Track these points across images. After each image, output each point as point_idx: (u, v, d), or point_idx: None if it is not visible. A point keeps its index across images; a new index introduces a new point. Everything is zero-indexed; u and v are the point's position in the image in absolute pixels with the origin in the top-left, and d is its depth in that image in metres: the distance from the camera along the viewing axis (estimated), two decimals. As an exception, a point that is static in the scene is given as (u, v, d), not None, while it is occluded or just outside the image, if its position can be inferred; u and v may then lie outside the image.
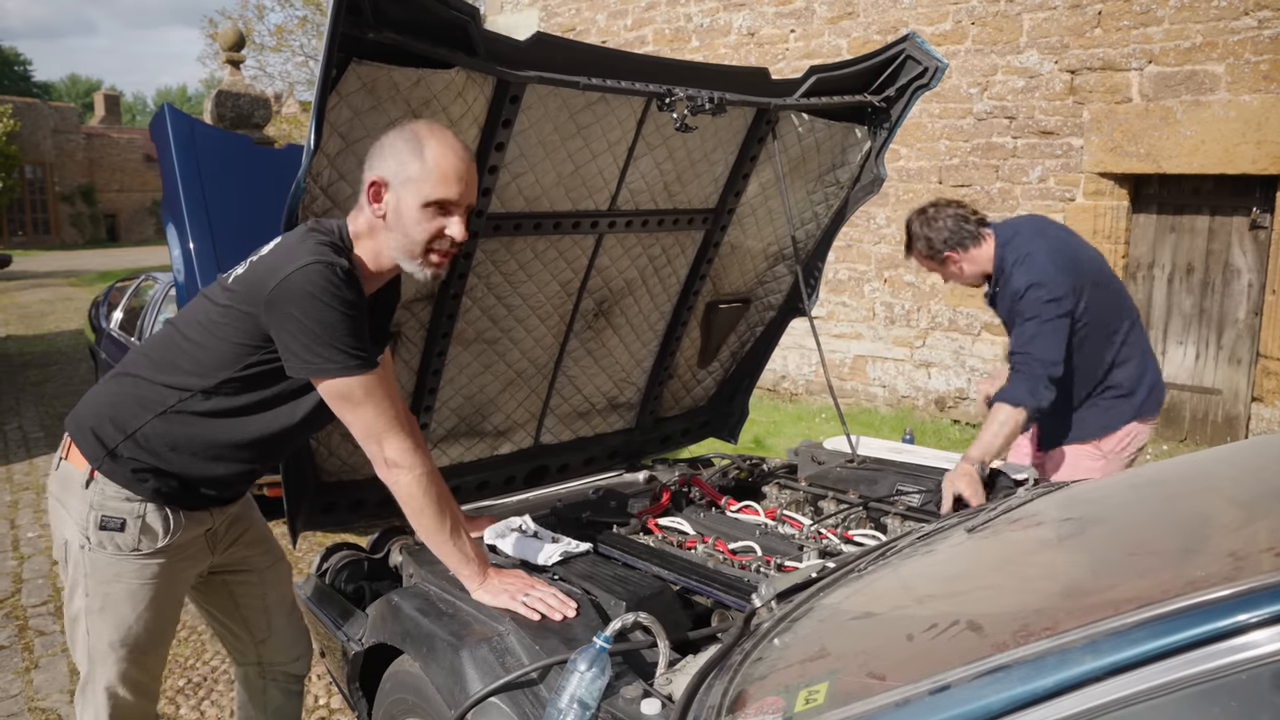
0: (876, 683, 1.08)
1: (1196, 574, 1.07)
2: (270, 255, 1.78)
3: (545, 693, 1.57)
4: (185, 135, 4.17)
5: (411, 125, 1.79)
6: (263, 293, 1.70)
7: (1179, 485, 1.73)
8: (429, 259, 1.81)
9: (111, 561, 1.85)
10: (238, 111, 10.37)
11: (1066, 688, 0.92)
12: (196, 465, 1.86)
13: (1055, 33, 6.51)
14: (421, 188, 1.75)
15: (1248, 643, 0.87)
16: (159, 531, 1.87)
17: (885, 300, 7.73)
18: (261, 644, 2.25)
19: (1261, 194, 5.99)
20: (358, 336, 1.71)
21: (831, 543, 2.33)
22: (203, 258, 4.08)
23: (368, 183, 1.79)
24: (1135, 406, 2.98)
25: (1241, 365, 6.24)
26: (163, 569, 1.89)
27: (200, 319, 1.83)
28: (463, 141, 1.82)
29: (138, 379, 1.86)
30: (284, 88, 21.47)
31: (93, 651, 1.90)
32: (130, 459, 1.83)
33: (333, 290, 1.67)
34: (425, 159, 1.74)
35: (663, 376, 3.48)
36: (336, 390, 1.72)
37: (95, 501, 1.84)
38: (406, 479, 1.77)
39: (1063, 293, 2.76)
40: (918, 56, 2.89)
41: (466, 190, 1.79)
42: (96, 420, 1.87)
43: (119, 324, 6.76)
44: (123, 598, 1.87)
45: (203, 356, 1.80)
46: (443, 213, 1.78)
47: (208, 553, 2.03)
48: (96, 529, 1.83)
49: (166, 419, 1.82)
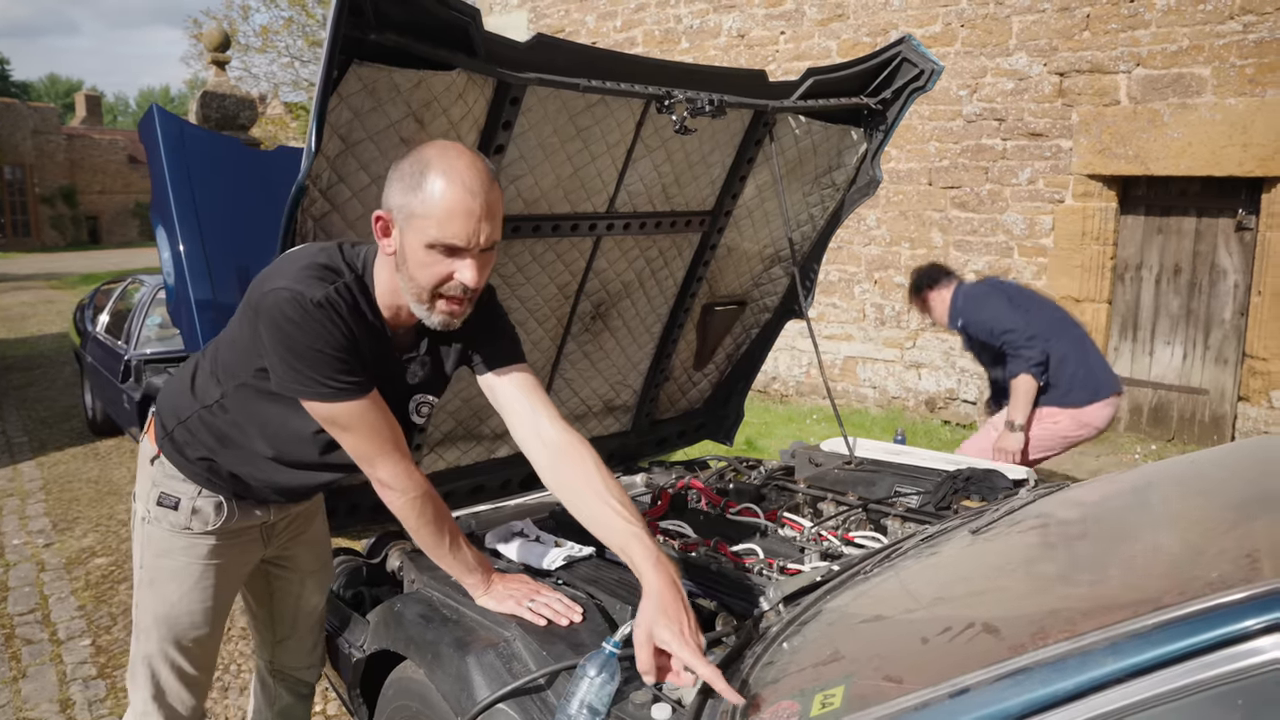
0: (893, 686, 1.08)
1: (1209, 576, 1.08)
2: (276, 262, 1.74)
3: (553, 699, 1.56)
4: (174, 136, 4.14)
5: (422, 150, 1.58)
6: (250, 301, 1.68)
7: (1177, 486, 1.74)
8: (437, 305, 1.62)
9: (164, 536, 1.90)
10: (223, 112, 10.31)
11: (1088, 690, 0.92)
12: (238, 464, 1.87)
13: (1044, 35, 6.55)
14: (425, 227, 1.54)
15: (1257, 648, 0.87)
16: (209, 515, 1.90)
17: (876, 301, 7.76)
18: (279, 644, 2.25)
19: (1247, 196, 6.05)
20: (335, 368, 1.61)
21: (833, 545, 2.33)
22: (192, 260, 4.04)
23: (374, 216, 1.63)
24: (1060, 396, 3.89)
25: (1228, 365, 6.29)
26: (211, 551, 1.92)
27: (234, 322, 1.82)
28: (483, 168, 1.58)
29: (197, 368, 1.90)
30: (269, 89, 21.36)
31: (139, 624, 1.96)
32: (185, 444, 1.88)
33: (298, 322, 1.57)
34: (427, 194, 1.53)
35: (659, 379, 3.48)
36: (320, 413, 1.68)
37: (157, 478, 1.90)
38: (400, 501, 1.75)
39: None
40: (913, 59, 2.90)
41: (478, 229, 1.54)
42: (165, 402, 1.95)
43: (105, 327, 6.71)
44: (169, 574, 1.91)
45: (230, 357, 1.80)
46: (451, 255, 1.56)
47: (261, 545, 2.05)
48: (155, 504, 1.90)
49: (210, 412, 1.84)
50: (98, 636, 3.84)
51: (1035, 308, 3.95)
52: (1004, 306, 3.87)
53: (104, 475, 6.21)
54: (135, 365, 5.72)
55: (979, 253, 7.07)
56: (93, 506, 5.54)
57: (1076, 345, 3.90)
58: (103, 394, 6.64)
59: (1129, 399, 6.72)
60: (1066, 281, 6.68)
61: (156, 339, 6.00)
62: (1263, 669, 0.87)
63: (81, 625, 3.96)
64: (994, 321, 3.84)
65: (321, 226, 2.12)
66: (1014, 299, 3.96)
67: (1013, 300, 3.94)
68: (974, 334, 3.98)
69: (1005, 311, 3.85)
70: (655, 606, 1.45)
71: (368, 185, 2.12)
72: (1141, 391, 6.66)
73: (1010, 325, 3.79)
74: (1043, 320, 3.87)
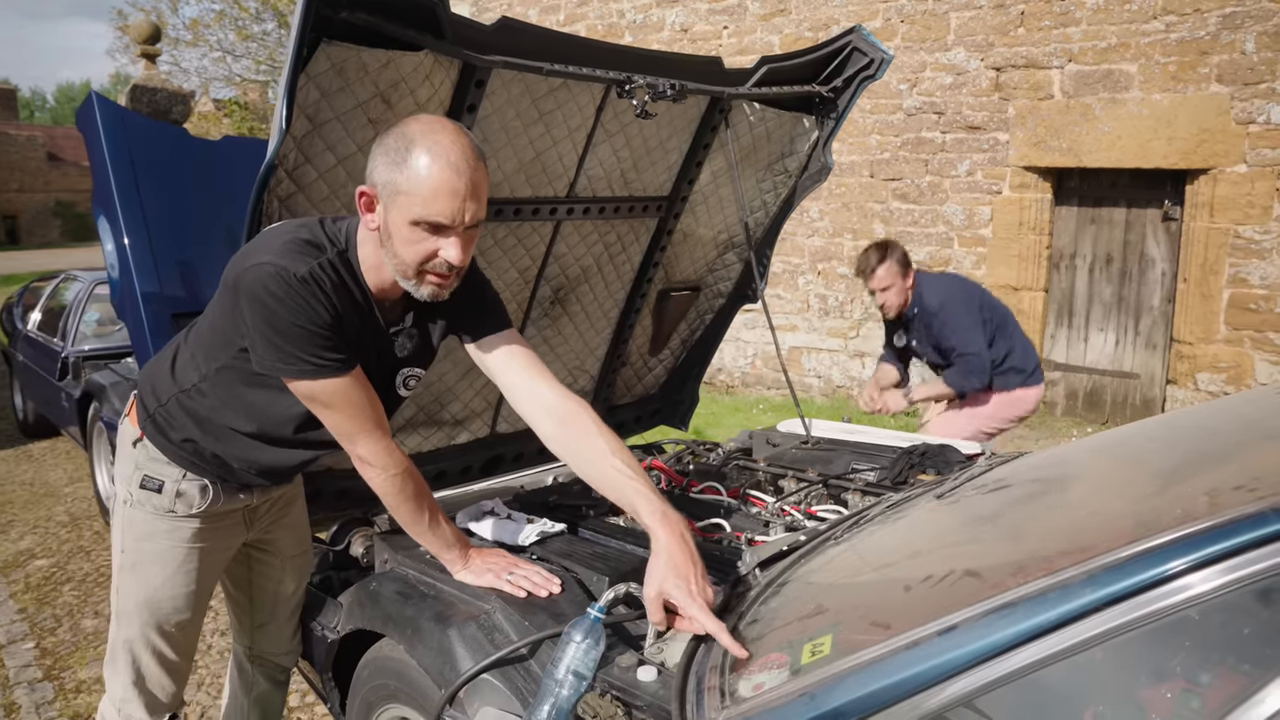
0: (882, 631, 1.13)
1: (1160, 519, 1.15)
2: (251, 242, 1.72)
3: (536, 668, 1.58)
4: (115, 125, 4.03)
5: (407, 125, 1.56)
6: (229, 278, 1.67)
7: (1124, 449, 1.83)
8: (425, 279, 1.62)
9: (147, 519, 1.89)
10: (154, 107, 9.99)
11: (1069, 619, 0.98)
12: (219, 445, 1.85)
13: (981, 31, 6.73)
14: (409, 204, 1.53)
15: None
16: (194, 499, 1.89)
17: (819, 292, 7.89)
18: (259, 628, 2.23)
19: (1172, 187, 6.31)
20: (317, 344, 1.60)
21: (796, 519, 2.39)
22: (138, 252, 3.95)
23: (358, 192, 1.61)
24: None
25: (1157, 350, 6.55)
26: (195, 534, 1.90)
27: (213, 304, 1.80)
28: (468, 144, 1.56)
29: (178, 351, 1.88)
30: (199, 84, 20.81)
31: (121, 610, 1.93)
32: (168, 425, 1.86)
33: (281, 297, 1.55)
34: (411, 171, 1.51)
35: (616, 364, 3.51)
36: (301, 390, 1.68)
37: (140, 461, 1.89)
38: (380, 478, 1.75)
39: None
40: (864, 49, 2.98)
41: (463, 208, 1.54)
42: (145, 384, 1.92)
43: (37, 325, 6.50)
44: (152, 558, 1.89)
45: (211, 338, 1.78)
46: (435, 232, 1.56)
47: (243, 529, 2.03)
48: (138, 487, 1.88)
49: (189, 395, 1.83)
50: (42, 639, 3.74)
51: (990, 310, 3.98)
52: (975, 325, 3.88)
53: (39, 477, 6.02)
54: (73, 362, 5.56)
55: (920, 243, 7.24)
56: (28, 509, 5.37)
57: (1018, 339, 4.04)
58: (36, 394, 6.43)
59: (1065, 384, 6.95)
60: (1004, 270, 6.88)
61: (95, 335, 5.84)
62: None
63: (24, 629, 3.84)
64: (959, 340, 3.88)
65: (287, 207, 2.10)
66: (980, 306, 3.96)
67: (974, 306, 3.93)
68: (935, 337, 3.98)
69: (974, 333, 3.87)
70: (665, 563, 1.50)
71: (334, 166, 2.11)
72: (1077, 377, 6.90)
73: (975, 349, 3.85)
74: (997, 320, 3.98)
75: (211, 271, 4.02)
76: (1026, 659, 0.98)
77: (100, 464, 5.12)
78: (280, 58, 18.16)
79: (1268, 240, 5.87)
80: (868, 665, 1.08)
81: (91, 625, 3.84)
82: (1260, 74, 5.76)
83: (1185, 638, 0.95)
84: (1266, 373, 5.93)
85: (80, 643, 3.70)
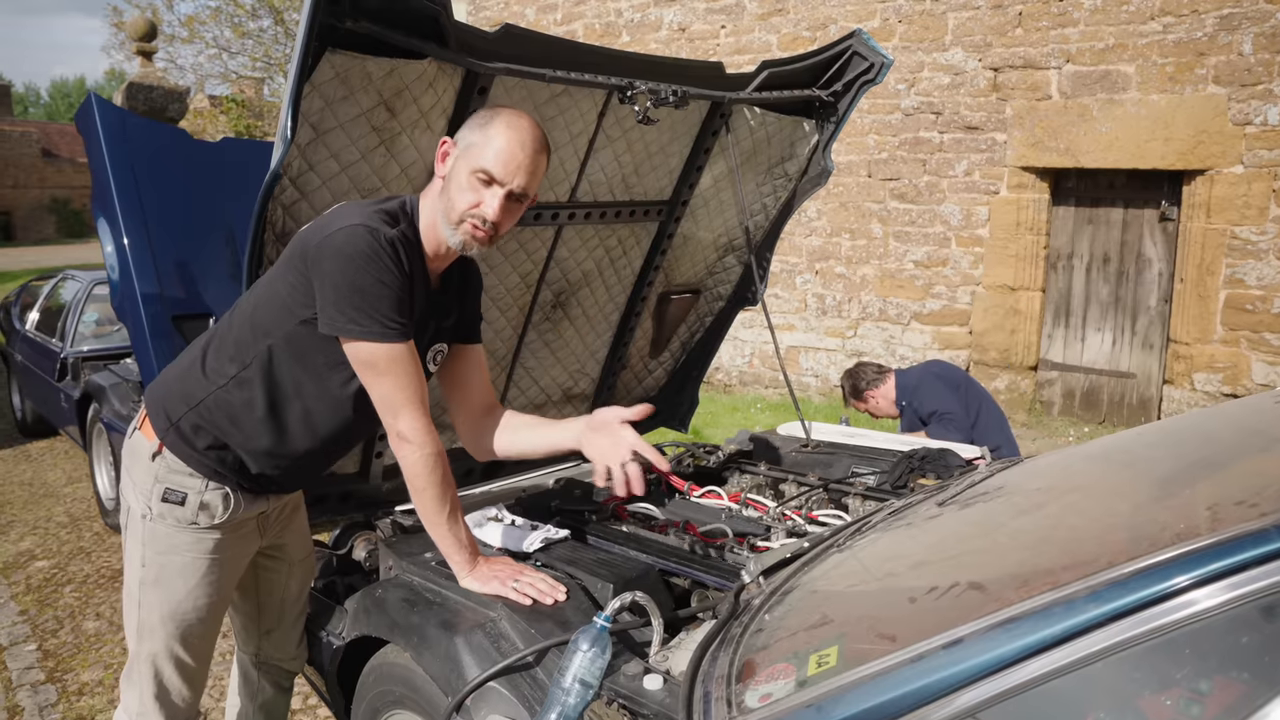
0: (888, 643, 1.14)
1: (1162, 534, 1.16)
2: (331, 211, 1.81)
3: (542, 676, 1.60)
4: (115, 126, 4.03)
5: (501, 107, 1.84)
6: (310, 245, 1.73)
7: (1124, 457, 1.84)
8: (461, 227, 1.79)
9: (170, 533, 1.89)
10: (150, 105, 9.95)
11: (1073, 634, 0.99)
12: (256, 440, 1.87)
13: (979, 32, 6.75)
14: (475, 155, 1.76)
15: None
16: (217, 508, 1.89)
17: (817, 292, 7.91)
18: (266, 635, 2.23)
19: (1169, 188, 6.33)
20: (392, 305, 1.71)
21: (797, 523, 2.40)
22: (138, 253, 3.96)
23: (440, 141, 1.83)
24: None
25: (1154, 350, 6.57)
26: (217, 545, 1.91)
27: (263, 282, 1.86)
28: (541, 136, 1.81)
29: (206, 350, 1.90)
30: (195, 81, 20.75)
31: (143, 624, 1.92)
32: (194, 432, 1.86)
33: (370, 254, 1.68)
34: (489, 131, 1.76)
35: (616, 367, 3.52)
36: (361, 354, 1.74)
37: (160, 474, 1.88)
38: (415, 455, 1.78)
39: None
40: (864, 53, 2.99)
41: (517, 170, 1.77)
42: (166, 392, 1.92)
43: (35, 325, 6.49)
44: (176, 571, 1.89)
45: (263, 318, 1.82)
46: (487, 185, 1.76)
47: (258, 536, 2.04)
48: (159, 500, 1.87)
49: (227, 390, 1.84)
50: (44, 641, 3.74)
51: (964, 384, 4.31)
52: (944, 390, 4.19)
53: (38, 477, 6.02)
54: (72, 363, 5.55)
55: (917, 243, 7.26)
56: (28, 509, 5.37)
57: (995, 416, 4.27)
58: (35, 394, 6.42)
59: (1062, 384, 6.98)
60: (1002, 270, 6.90)
61: (93, 336, 5.84)
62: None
63: (25, 630, 3.85)
64: (936, 404, 4.15)
65: (291, 214, 2.11)
66: (950, 382, 4.28)
67: (948, 383, 4.26)
68: (916, 411, 4.26)
69: (946, 395, 4.16)
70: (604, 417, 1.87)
71: (338, 174, 2.12)
72: (1074, 376, 6.92)
73: (950, 409, 4.11)
74: (973, 395, 4.24)
75: (211, 273, 4.02)
76: (1031, 673, 1.00)
77: (100, 465, 5.13)
78: (276, 54, 18.13)
79: (1264, 241, 5.89)
80: (874, 678, 1.09)
81: (93, 627, 3.85)
82: (1257, 75, 5.78)
83: (1188, 653, 0.97)
84: (1263, 373, 5.96)
85: (82, 645, 3.70)
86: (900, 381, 4.34)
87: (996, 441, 4.03)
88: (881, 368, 4.46)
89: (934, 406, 4.12)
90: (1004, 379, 7.01)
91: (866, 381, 4.39)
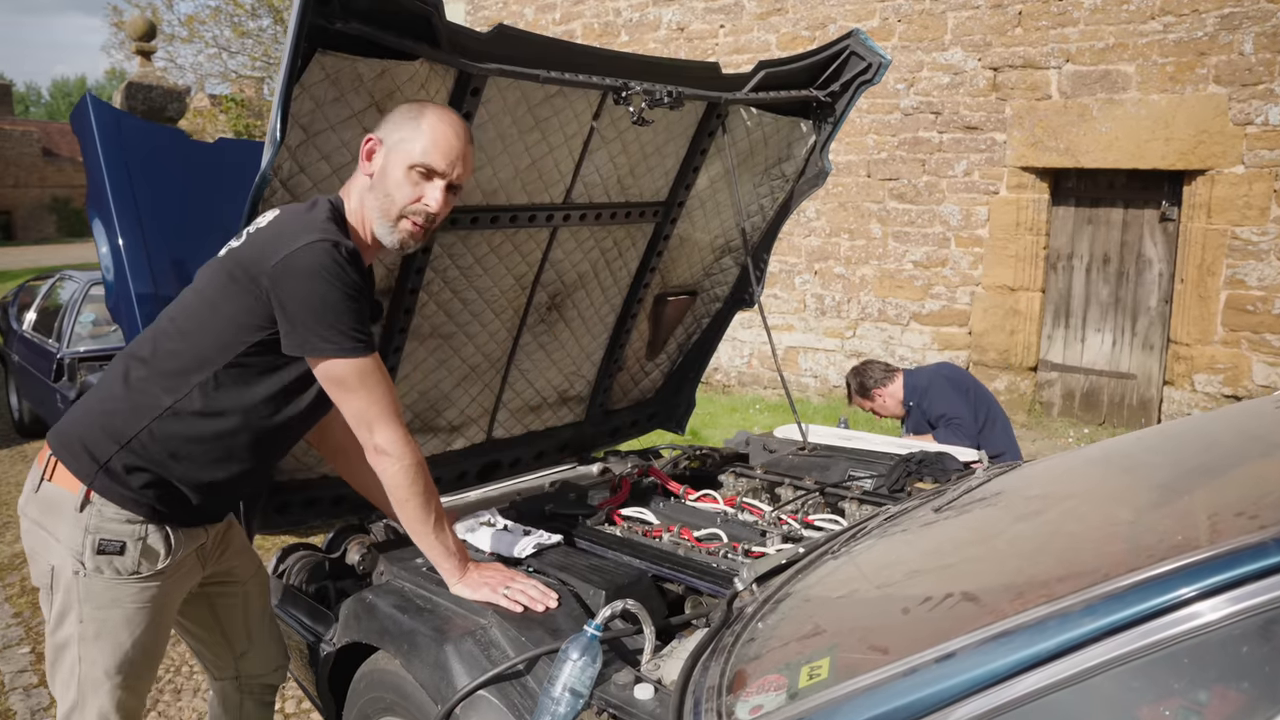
0: (880, 655, 1.12)
1: (1160, 546, 1.14)
2: (272, 227, 1.72)
3: (533, 684, 1.58)
4: (110, 127, 4.02)
5: (423, 103, 1.86)
6: (265, 266, 1.65)
7: (1124, 463, 1.82)
8: (400, 225, 1.79)
9: (109, 586, 1.75)
10: (150, 104, 9.94)
11: (1067, 649, 0.97)
12: (200, 471, 1.77)
13: (978, 31, 6.72)
14: (410, 150, 1.76)
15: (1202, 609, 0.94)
16: (160, 552, 1.78)
17: (816, 292, 7.89)
18: (242, 657, 2.16)
19: (1169, 188, 6.30)
20: (358, 318, 1.68)
21: (793, 528, 2.38)
22: (133, 254, 3.94)
23: (365, 139, 1.81)
24: None
25: (1154, 351, 6.55)
26: (160, 590, 1.80)
27: (194, 305, 1.76)
28: (467, 129, 1.85)
29: (129, 382, 1.76)
30: (195, 80, 20.74)
31: (84, 680, 1.78)
32: (127, 472, 1.73)
33: (337, 270, 1.64)
34: (420, 125, 1.77)
35: (612, 369, 3.50)
36: (332, 372, 1.69)
37: (91, 525, 1.72)
38: (395, 468, 1.74)
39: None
40: (861, 53, 2.97)
41: (454, 164, 1.79)
42: (86, 432, 1.75)
43: (33, 325, 6.48)
44: (119, 623, 1.77)
45: (202, 343, 1.72)
46: (426, 179, 1.77)
47: (199, 569, 1.94)
48: (93, 553, 1.72)
49: (164, 422, 1.73)
50: (37, 644, 3.72)
51: (973, 389, 4.29)
52: (954, 394, 4.17)
53: (34, 478, 6.00)
54: (69, 364, 5.54)
55: (917, 243, 7.24)
56: (24, 511, 5.35)
57: (1001, 421, 4.27)
58: (32, 394, 6.41)
59: (1062, 384, 6.96)
60: (1001, 271, 6.88)
61: (90, 336, 5.82)
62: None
63: (19, 633, 3.83)
64: (945, 408, 4.14)
65: (282, 217, 2.09)
66: (960, 386, 4.27)
67: (958, 387, 4.24)
68: (925, 413, 4.24)
69: (956, 400, 4.15)
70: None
71: (329, 176, 2.10)
72: (1074, 377, 6.90)
73: (959, 414, 4.10)
74: (981, 400, 4.23)
75: (207, 275, 3.99)
76: (1025, 688, 0.98)
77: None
78: (276, 54, 18.11)
79: (1265, 241, 5.87)
80: (866, 691, 1.07)
81: (87, 630, 3.83)
82: (1258, 75, 5.76)
83: (1186, 667, 0.95)
84: (1263, 374, 5.94)
85: (75, 647, 3.68)
86: (909, 382, 4.32)
87: (1001, 448, 4.03)
88: (889, 367, 4.43)
89: (943, 410, 4.11)
90: (1003, 380, 6.99)
91: (874, 380, 4.37)
